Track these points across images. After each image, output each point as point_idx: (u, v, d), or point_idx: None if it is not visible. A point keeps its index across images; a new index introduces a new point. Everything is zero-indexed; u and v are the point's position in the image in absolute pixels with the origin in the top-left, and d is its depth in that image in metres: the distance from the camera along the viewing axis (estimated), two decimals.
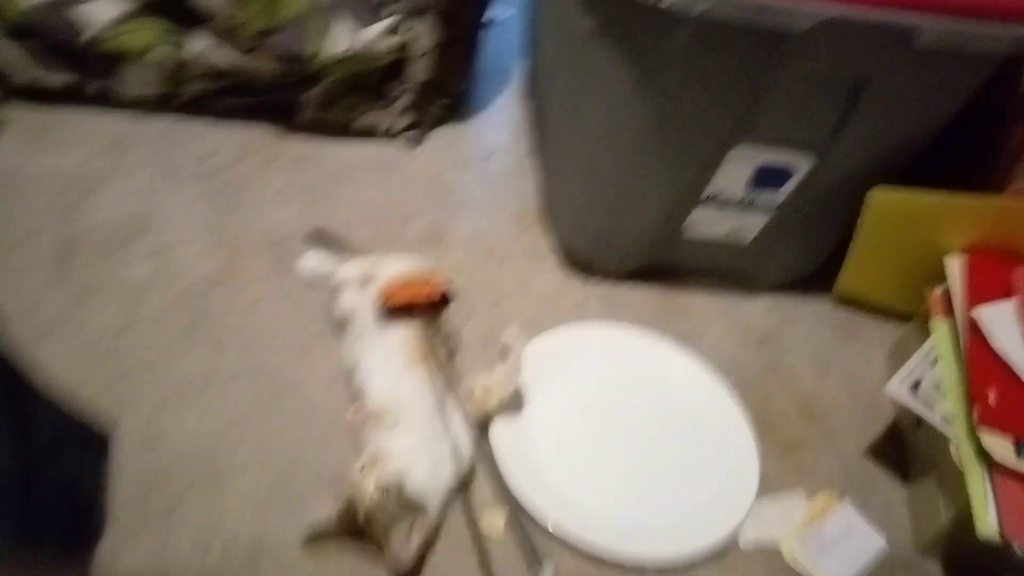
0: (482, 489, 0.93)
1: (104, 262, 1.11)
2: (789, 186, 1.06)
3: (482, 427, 0.96)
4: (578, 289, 1.19)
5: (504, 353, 0.97)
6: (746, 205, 1.09)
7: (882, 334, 1.17)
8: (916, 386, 0.95)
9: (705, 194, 1.07)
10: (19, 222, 1.15)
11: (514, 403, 0.99)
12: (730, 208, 1.10)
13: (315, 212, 1.24)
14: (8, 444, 0.72)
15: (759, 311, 1.20)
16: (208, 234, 1.18)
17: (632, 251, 1.17)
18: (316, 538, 0.85)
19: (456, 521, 0.90)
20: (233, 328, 1.06)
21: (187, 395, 0.97)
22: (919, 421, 0.97)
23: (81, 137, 1.29)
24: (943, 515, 0.90)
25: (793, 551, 0.92)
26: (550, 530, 0.89)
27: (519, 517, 0.80)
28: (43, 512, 0.71)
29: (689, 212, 1.10)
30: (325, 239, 1.17)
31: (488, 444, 0.95)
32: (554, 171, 1.27)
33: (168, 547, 0.84)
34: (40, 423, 0.79)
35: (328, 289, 1.08)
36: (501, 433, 0.97)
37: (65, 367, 0.96)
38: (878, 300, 1.19)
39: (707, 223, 1.12)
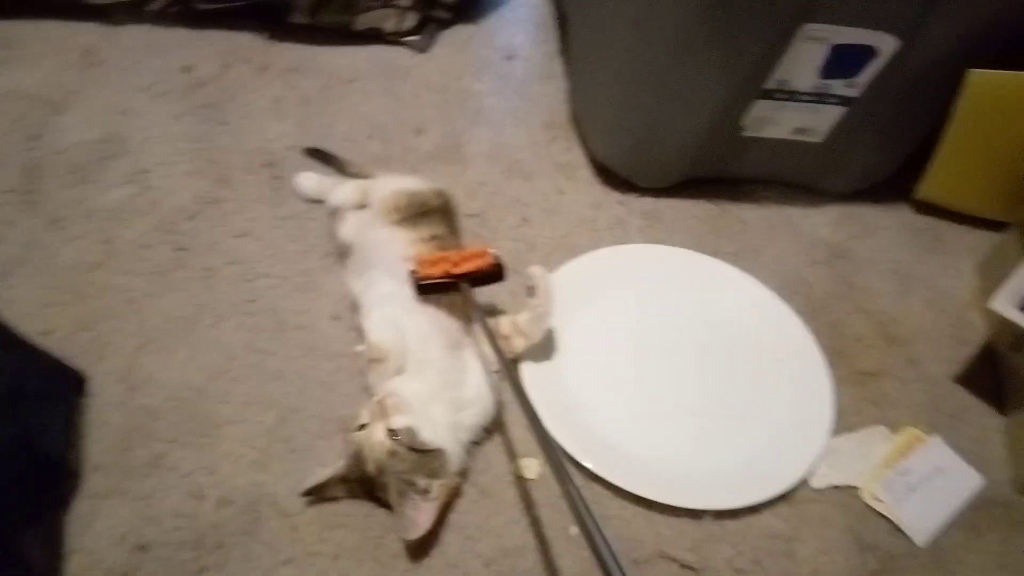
0: (514, 433, 0.81)
1: (76, 188, 0.98)
2: (869, 73, 0.91)
3: (511, 368, 0.82)
4: (615, 206, 1.05)
5: (530, 292, 0.83)
6: (818, 96, 0.94)
7: (971, 244, 1.03)
8: None
9: (769, 84, 0.92)
10: None
11: (546, 341, 0.85)
12: (798, 100, 0.94)
13: (313, 127, 1.09)
14: None
15: (828, 223, 1.04)
16: (193, 154, 1.04)
17: (678, 159, 1.01)
18: (320, 495, 0.74)
19: (488, 467, 0.78)
20: (224, 259, 0.93)
21: (174, 334, 0.86)
22: (1019, 342, 0.82)
23: (47, 50, 1.15)
24: None
25: (874, 492, 0.80)
26: (592, 472, 0.77)
27: (555, 460, 0.67)
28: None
29: (748, 107, 0.94)
30: (324, 157, 1.03)
31: (519, 385, 0.81)
32: (584, 72, 1.11)
33: (155, 501, 0.73)
34: None
35: (328, 213, 0.94)
36: (533, 372, 0.84)
37: (34, 305, 0.85)
38: (967, 206, 1.04)
39: (770, 120, 0.96)
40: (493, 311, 0.87)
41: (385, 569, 0.71)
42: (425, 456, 0.71)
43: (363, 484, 0.71)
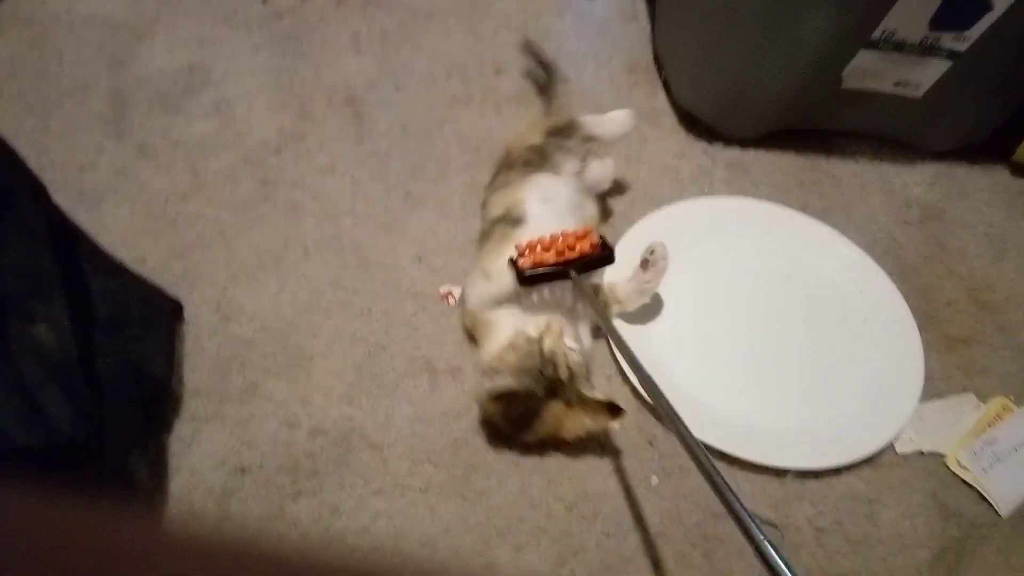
0: (598, 383, 0.81)
1: (162, 117, 0.98)
2: (981, 26, 0.85)
3: (615, 332, 0.77)
4: (700, 155, 1.02)
5: (644, 264, 0.81)
6: (925, 48, 0.88)
7: None
8: None
9: (876, 34, 0.86)
10: (67, 73, 1.02)
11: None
12: (905, 52, 0.89)
13: (392, 63, 1.07)
14: (66, 323, 0.61)
15: (922, 181, 1.00)
16: (274, 87, 1.03)
17: (769, 109, 0.98)
18: (498, 403, 0.73)
19: None
20: (308, 194, 0.93)
21: (263, 266, 0.86)
22: None
23: None
24: None
25: (960, 460, 0.79)
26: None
27: (666, 405, 0.66)
28: (106, 397, 0.62)
29: (851, 57, 0.90)
30: (538, 59, 1.03)
31: (622, 342, 0.75)
32: (670, 11, 1.06)
33: (252, 427, 0.75)
34: (101, 299, 0.69)
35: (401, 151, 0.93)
36: (617, 326, 0.83)
37: (127, 233, 0.86)
38: None
39: (872, 72, 0.91)
40: None
41: (471, 505, 0.73)
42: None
43: (547, 387, 0.72)
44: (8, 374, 0.55)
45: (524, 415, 0.73)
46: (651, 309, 0.86)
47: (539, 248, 0.76)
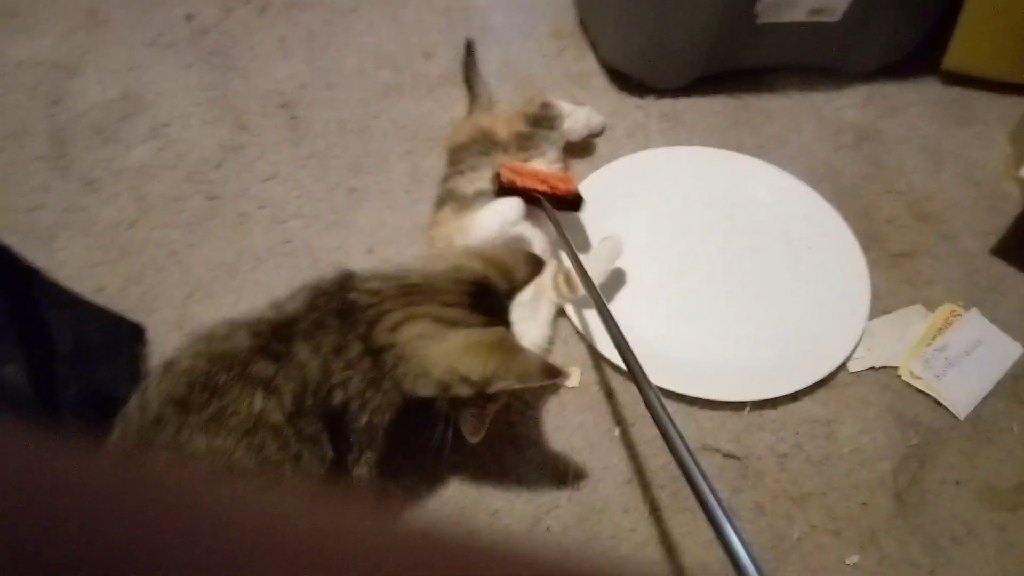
0: (555, 346, 0.84)
1: (103, 148, 1.00)
2: None
3: (592, 286, 0.82)
4: (634, 111, 1.03)
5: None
6: None
7: (1002, 112, 0.99)
8: None
9: None
10: (4, 119, 1.03)
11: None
12: None
13: (321, 63, 1.08)
14: (25, 358, 0.64)
15: (853, 105, 1.02)
16: (208, 103, 1.04)
17: (692, 55, 0.99)
18: None
19: None
20: (254, 203, 0.95)
21: (218, 279, 0.88)
22: None
23: (51, 15, 1.14)
24: None
25: (912, 370, 0.81)
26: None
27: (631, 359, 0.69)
28: (75, 424, 0.65)
29: None
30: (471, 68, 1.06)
31: (600, 300, 0.79)
32: None
33: None
34: (60, 330, 0.71)
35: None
36: None
37: (82, 265, 0.88)
38: (997, 72, 1.00)
39: (785, 2, 0.93)
40: None
41: (444, 479, 0.76)
42: None
43: None
44: None
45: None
46: None
47: (525, 173, 0.84)
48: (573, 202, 0.86)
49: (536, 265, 0.72)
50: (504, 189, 0.83)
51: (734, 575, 0.48)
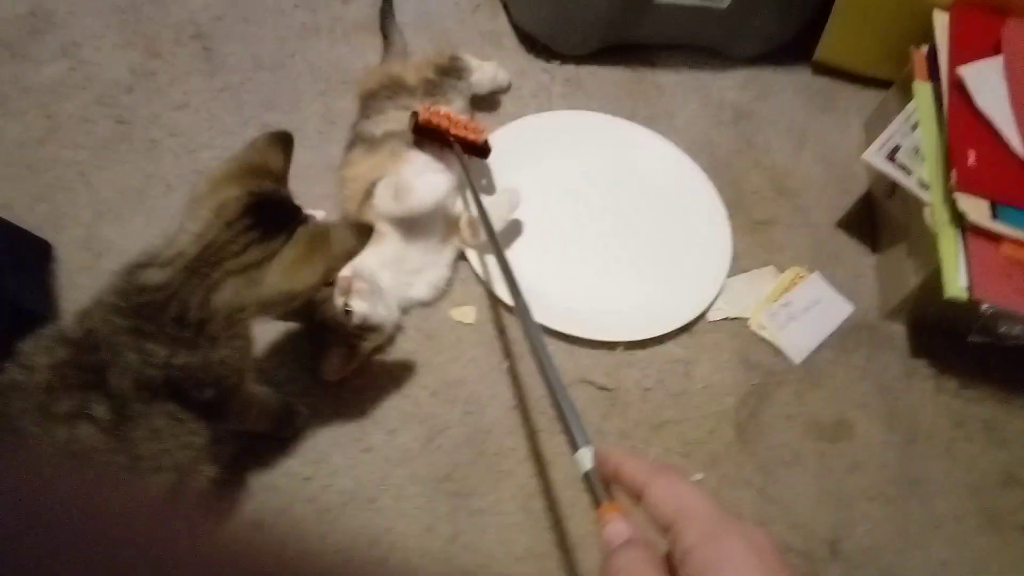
0: (454, 286, 0.92)
1: (10, 64, 0.98)
2: None
3: (493, 233, 0.87)
4: (540, 73, 1.10)
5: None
6: None
7: (861, 103, 1.12)
8: (894, 153, 0.91)
9: None
10: None
11: None
12: None
13: None
14: None
15: (734, 86, 1.13)
16: (120, 26, 1.03)
17: (594, 26, 1.06)
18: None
19: (431, 313, 0.89)
20: (165, 131, 0.96)
21: (127, 203, 0.90)
22: (893, 189, 0.95)
23: None
24: (911, 280, 0.90)
25: (760, 322, 0.94)
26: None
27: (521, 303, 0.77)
28: None
29: None
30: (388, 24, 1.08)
31: (499, 248, 0.84)
32: None
33: None
34: None
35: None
36: None
37: None
38: (860, 66, 1.12)
39: None
40: None
41: (345, 400, 0.83)
42: (364, 329, 0.81)
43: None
44: None
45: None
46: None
47: (441, 116, 0.90)
48: (482, 149, 0.93)
49: (285, 143, 0.70)
50: (419, 127, 0.89)
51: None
